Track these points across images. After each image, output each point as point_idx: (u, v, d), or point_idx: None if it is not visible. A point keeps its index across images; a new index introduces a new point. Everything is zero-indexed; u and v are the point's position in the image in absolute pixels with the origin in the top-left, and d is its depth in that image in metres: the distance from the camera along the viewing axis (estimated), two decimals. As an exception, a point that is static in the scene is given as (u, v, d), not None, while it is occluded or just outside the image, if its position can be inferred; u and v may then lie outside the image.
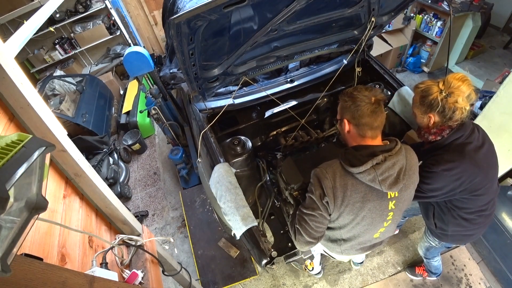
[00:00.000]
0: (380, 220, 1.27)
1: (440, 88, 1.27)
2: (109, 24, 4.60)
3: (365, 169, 1.11)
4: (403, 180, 1.16)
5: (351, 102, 1.17)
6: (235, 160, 1.84)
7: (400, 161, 1.15)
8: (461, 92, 1.24)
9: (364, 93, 1.16)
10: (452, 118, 1.28)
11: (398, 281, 2.37)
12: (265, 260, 1.54)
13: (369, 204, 1.19)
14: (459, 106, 1.25)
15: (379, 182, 1.12)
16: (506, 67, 3.77)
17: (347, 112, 1.20)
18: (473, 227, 1.49)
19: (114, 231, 1.37)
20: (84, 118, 3.65)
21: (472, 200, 1.38)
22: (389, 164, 1.12)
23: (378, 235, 1.39)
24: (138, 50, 2.44)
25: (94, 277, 0.88)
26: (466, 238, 1.61)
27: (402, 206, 1.29)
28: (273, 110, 2.22)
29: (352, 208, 1.20)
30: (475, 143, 1.32)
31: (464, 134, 1.31)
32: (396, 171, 1.14)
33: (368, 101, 1.14)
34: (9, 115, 0.90)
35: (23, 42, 1.06)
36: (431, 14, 3.73)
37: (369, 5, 1.77)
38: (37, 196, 0.65)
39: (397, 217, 1.33)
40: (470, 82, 1.27)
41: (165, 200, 3.36)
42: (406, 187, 1.22)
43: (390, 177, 1.13)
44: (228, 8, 1.25)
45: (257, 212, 1.88)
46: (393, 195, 1.21)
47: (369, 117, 1.15)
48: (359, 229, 1.30)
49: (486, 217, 1.49)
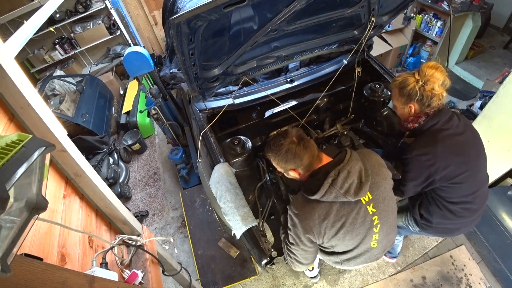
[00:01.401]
0: (366, 227, 1.24)
1: (416, 78, 1.34)
2: (109, 24, 4.60)
3: (324, 190, 1.12)
4: (367, 181, 1.16)
5: (284, 155, 1.20)
6: (235, 160, 1.84)
7: (355, 166, 1.16)
8: (436, 79, 1.31)
9: (283, 141, 1.20)
10: (431, 105, 1.35)
11: (398, 281, 2.37)
12: (265, 260, 1.54)
13: (347, 218, 1.19)
14: (436, 93, 1.32)
15: (344, 195, 1.13)
16: (506, 67, 3.77)
17: (287, 165, 1.23)
18: (458, 220, 1.48)
19: (114, 231, 1.37)
20: (84, 118, 3.65)
21: (452, 188, 1.39)
22: (344, 175, 1.13)
23: (375, 244, 1.34)
24: (138, 50, 2.44)
25: (94, 277, 0.88)
26: (450, 232, 1.60)
27: (385, 205, 1.26)
28: (273, 110, 2.22)
29: (335, 231, 1.20)
30: (452, 130, 1.36)
31: (440, 120, 1.36)
32: (356, 177, 1.14)
33: (295, 144, 1.18)
34: (9, 115, 0.90)
35: (23, 42, 1.06)
36: (431, 14, 3.73)
37: (369, 5, 1.77)
38: (37, 196, 0.65)
39: (386, 219, 1.28)
40: (443, 69, 1.35)
41: (165, 200, 3.36)
42: (376, 185, 1.22)
43: (352, 185, 1.13)
44: (228, 8, 1.25)
45: (257, 212, 1.88)
46: (367, 199, 1.21)
47: (305, 155, 1.19)
48: (352, 243, 1.28)
49: (473, 211, 1.47)
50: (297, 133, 1.23)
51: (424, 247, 2.50)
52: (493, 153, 2.15)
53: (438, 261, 2.42)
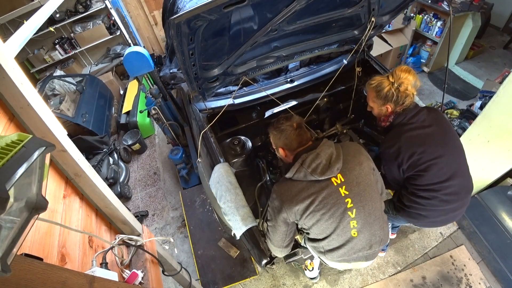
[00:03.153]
0: (340, 210, 1.27)
1: (391, 81, 1.48)
2: (109, 24, 4.59)
3: (295, 169, 1.28)
4: (336, 163, 1.26)
5: (279, 133, 1.38)
6: (235, 160, 1.85)
7: (326, 150, 1.28)
8: (409, 81, 1.46)
9: (286, 123, 1.38)
10: (404, 103, 1.49)
11: (398, 281, 2.37)
12: (265, 260, 1.54)
13: (317, 196, 1.27)
14: (409, 93, 1.47)
15: (311, 173, 1.25)
16: (506, 67, 3.77)
17: (279, 142, 1.40)
18: (427, 207, 1.54)
19: (114, 231, 1.37)
20: (84, 118, 3.65)
21: (419, 176, 1.49)
22: (313, 157, 1.26)
23: (355, 233, 1.32)
24: (138, 50, 2.44)
25: (94, 277, 0.88)
26: (420, 218, 1.63)
27: (359, 189, 1.29)
28: (273, 110, 2.22)
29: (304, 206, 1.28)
30: (417, 124, 1.48)
31: (406, 116, 1.50)
32: (324, 159, 1.26)
33: (292, 128, 1.36)
34: (9, 115, 0.90)
35: (23, 42, 1.06)
36: (431, 14, 3.73)
37: (369, 5, 1.77)
38: (37, 196, 0.65)
39: (362, 204, 1.29)
40: (414, 72, 1.49)
41: (165, 200, 3.36)
42: (349, 170, 1.30)
43: (319, 165, 1.25)
44: (228, 8, 1.25)
45: (257, 212, 1.88)
46: (339, 181, 1.28)
47: (297, 139, 1.36)
48: (327, 226, 1.31)
49: (443, 202, 1.51)
50: (298, 121, 1.40)
51: (424, 247, 2.50)
52: (493, 153, 2.15)
53: (438, 261, 2.42)
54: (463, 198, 1.57)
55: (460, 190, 1.53)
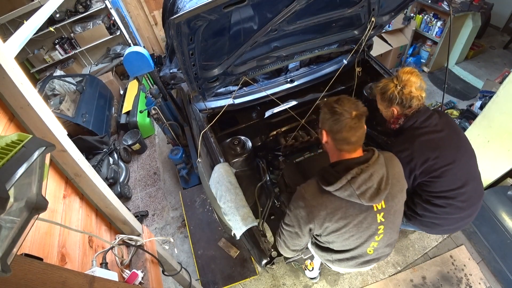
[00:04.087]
0: (369, 234, 1.23)
1: (395, 83, 1.46)
2: (109, 24, 4.59)
3: (340, 185, 1.08)
4: (385, 190, 1.11)
5: (330, 115, 1.13)
6: (235, 160, 1.85)
7: (379, 171, 1.11)
8: (413, 83, 1.42)
9: (345, 106, 1.10)
10: (411, 106, 1.46)
11: (398, 281, 2.37)
12: (265, 260, 1.54)
13: (354, 219, 1.16)
14: (414, 95, 1.43)
15: (358, 196, 1.08)
16: (506, 67, 3.77)
17: (326, 123, 1.16)
18: (442, 215, 1.51)
19: (114, 231, 1.37)
20: (84, 118, 3.65)
21: (433, 182, 1.46)
22: (365, 177, 1.08)
23: (371, 251, 1.33)
24: (138, 50, 2.44)
25: (94, 277, 0.88)
26: (434, 226, 1.61)
27: (394, 218, 1.24)
28: (273, 110, 2.22)
29: (336, 226, 1.17)
30: (430, 128, 1.45)
31: (418, 120, 1.47)
32: (376, 182, 1.10)
33: (348, 116, 1.09)
34: (9, 115, 0.90)
35: (23, 42, 1.06)
36: (431, 14, 3.73)
37: (369, 5, 1.77)
38: (37, 196, 0.65)
39: (390, 231, 1.27)
40: (418, 73, 1.46)
41: (165, 200, 3.36)
42: (392, 196, 1.18)
43: (369, 189, 1.09)
44: (228, 8, 1.25)
45: (257, 212, 1.88)
46: (380, 207, 1.17)
47: (347, 132, 1.10)
48: (350, 244, 1.27)
49: (458, 208, 1.49)
50: (362, 112, 1.12)
51: (424, 247, 2.50)
52: (493, 153, 2.15)
53: (438, 261, 2.42)
54: (476, 203, 1.54)
55: (474, 195, 1.50)
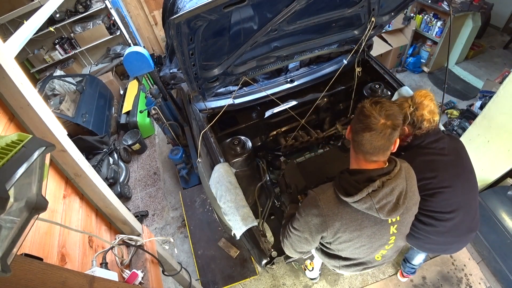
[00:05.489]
0: (380, 244, 1.23)
1: (409, 104, 1.47)
2: (109, 24, 4.59)
3: (360, 197, 1.02)
4: (403, 204, 1.06)
5: (358, 113, 1.06)
6: (235, 160, 1.84)
7: (400, 185, 1.06)
8: (425, 106, 1.45)
9: (376, 109, 1.00)
10: (421, 128, 1.47)
11: (398, 281, 2.37)
12: (265, 260, 1.54)
13: (368, 231, 1.14)
14: (426, 118, 1.44)
15: (377, 210, 1.03)
16: (506, 67, 3.77)
17: (354, 120, 1.09)
18: (419, 232, 1.49)
19: (114, 231, 1.37)
20: (84, 118, 3.65)
21: (424, 200, 1.42)
22: (387, 191, 1.03)
23: (379, 258, 1.34)
24: (138, 50, 2.44)
25: (94, 277, 0.88)
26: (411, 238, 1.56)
27: (405, 229, 1.25)
28: (273, 110, 2.22)
29: (349, 237, 1.15)
30: (435, 150, 1.46)
31: (425, 140, 1.48)
32: (395, 197, 1.05)
33: (374, 121, 0.99)
34: (9, 115, 0.90)
35: (23, 42, 1.06)
36: (431, 14, 3.73)
37: (369, 5, 1.77)
38: (37, 196, 0.65)
39: (399, 241, 1.28)
40: (432, 97, 1.48)
41: (165, 200, 3.36)
42: (407, 209, 1.16)
43: (389, 203, 1.04)
44: (228, 8, 1.25)
45: (257, 212, 1.88)
46: (394, 220, 1.16)
47: (366, 139, 1.02)
48: (359, 253, 1.27)
49: (440, 233, 1.47)
50: (391, 124, 1.00)
51: (424, 247, 2.50)
52: (493, 153, 2.15)
53: (438, 261, 2.42)
54: (461, 236, 1.52)
55: (461, 226, 1.48)
